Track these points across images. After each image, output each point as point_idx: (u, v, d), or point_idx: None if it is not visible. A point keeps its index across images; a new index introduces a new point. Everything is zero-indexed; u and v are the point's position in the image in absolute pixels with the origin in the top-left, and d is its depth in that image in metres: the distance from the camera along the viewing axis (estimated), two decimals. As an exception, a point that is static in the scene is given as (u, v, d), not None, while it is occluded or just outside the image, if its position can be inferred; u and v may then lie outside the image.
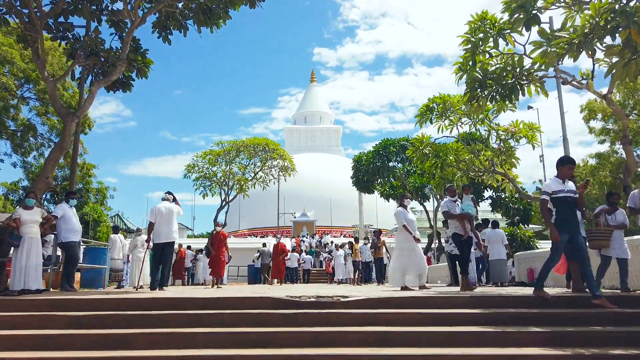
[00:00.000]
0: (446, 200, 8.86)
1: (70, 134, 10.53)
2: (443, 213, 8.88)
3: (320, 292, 7.33)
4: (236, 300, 5.81)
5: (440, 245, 25.80)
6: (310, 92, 76.11)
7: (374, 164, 25.98)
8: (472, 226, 8.68)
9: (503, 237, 12.28)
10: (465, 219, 8.47)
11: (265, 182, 25.30)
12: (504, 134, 13.38)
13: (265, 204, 51.39)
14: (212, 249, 12.94)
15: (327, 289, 9.42)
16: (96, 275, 11.60)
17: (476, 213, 8.88)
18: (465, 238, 8.46)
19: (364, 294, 6.38)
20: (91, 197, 36.01)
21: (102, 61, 11.33)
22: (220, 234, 13.24)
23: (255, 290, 8.19)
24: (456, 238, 8.62)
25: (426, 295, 6.11)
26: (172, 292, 7.56)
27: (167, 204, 10.02)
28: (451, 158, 14.19)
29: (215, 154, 24.26)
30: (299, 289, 9.55)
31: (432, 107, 14.04)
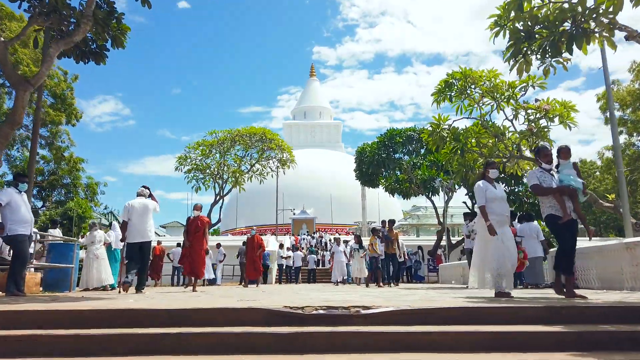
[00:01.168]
0: (535, 170, 6.29)
1: (23, 105, 8.77)
2: (532, 187, 6.13)
3: (329, 298, 5.63)
4: (214, 313, 4.11)
5: (450, 243, 24.12)
6: (309, 87, 74.38)
7: (378, 156, 24.29)
8: (577, 205, 5.95)
9: (538, 231, 10.59)
10: (566, 194, 5.87)
11: (262, 175, 23.57)
12: (535, 112, 11.68)
13: (263, 200, 49.66)
14: (188, 239, 10.25)
15: (335, 292, 7.73)
16: (61, 276, 9.88)
17: (583, 186, 6.04)
18: (566, 221, 5.76)
19: (390, 302, 4.69)
20: (80, 192, 34.31)
21: (65, 23, 9.60)
22: (199, 219, 10.38)
23: (245, 296, 6.47)
24: (553, 221, 5.89)
25: (480, 304, 4.40)
26: (134, 299, 5.85)
27: (143, 199, 9.08)
28: (472, 142, 12.49)
29: (208, 145, 22.53)
30: (301, 293, 7.78)
31: (452, 83, 12.34)
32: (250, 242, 14.83)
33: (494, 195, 6.25)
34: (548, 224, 6.02)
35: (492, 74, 12.37)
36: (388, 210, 54.09)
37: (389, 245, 13.70)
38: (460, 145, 12.33)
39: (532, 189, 6.15)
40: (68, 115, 29.98)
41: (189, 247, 10.22)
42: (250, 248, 14.68)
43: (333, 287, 12.24)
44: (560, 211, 5.80)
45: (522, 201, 24.48)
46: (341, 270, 17.75)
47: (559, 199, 5.84)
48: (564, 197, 5.86)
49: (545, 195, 5.97)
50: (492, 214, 6.07)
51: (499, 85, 12.47)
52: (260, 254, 14.90)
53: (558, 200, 5.85)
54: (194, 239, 10.17)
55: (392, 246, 13.77)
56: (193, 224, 10.25)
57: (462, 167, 12.75)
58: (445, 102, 12.93)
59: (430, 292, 8.01)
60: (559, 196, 5.85)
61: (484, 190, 6.26)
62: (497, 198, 6.26)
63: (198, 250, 10.19)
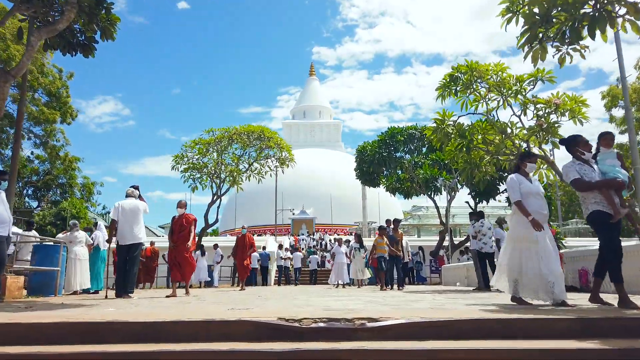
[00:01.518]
0: (572, 162, 5.36)
1: (3, 97, 8.23)
2: (572, 182, 5.22)
3: (330, 305, 5.10)
4: (198, 327, 3.58)
5: (452, 244, 23.60)
6: (309, 86, 73.87)
7: (379, 154, 23.77)
8: (623, 201, 5.09)
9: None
10: (613, 188, 5.04)
11: (261, 175, 23.00)
12: (545, 107, 11.16)
13: (262, 200, 49.12)
14: (172, 240, 9.23)
15: (337, 298, 7.19)
16: (47, 280, 9.34)
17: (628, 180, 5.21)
18: (616, 220, 4.97)
19: (399, 312, 4.16)
20: (76, 192, 33.80)
21: (51, 13, 9.08)
22: (184, 217, 9.28)
23: (237, 303, 5.94)
24: (600, 220, 5.05)
25: (505, 316, 3.86)
26: (116, 307, 5.31)
27: (132, 200, 8.87)
28: (479, 138, 11.97)
29: (205, 143, 21.97)
30: (300, 298, 7.25)
31: (457, 77, 11.82)
32: (240, 241, 13.81)
33: (529, 190, 5.45)
34: (594, 223, 5.16)
35: (499, 68, 11.87)
36: (388, 210, 53.53)
37: (393, 246, 12.91)
38: (466, 142, 11.82)
39: (573, 184, 5.25)
40: (63, 113, 29.45)
41: (174, 248, 9.14)
42: (240, 248, 13.65)
43: (334, 291, 11.67)
44: (608, 207, 4.99)
45: (526, 201, 23.97)
46: (342, 272, 16.69)
47: (606, 194, 5.01)
48: (611, 191, 5.04)
49: (590, 190, 5.12)
50: None
51: (505, 79, 11.97)
52: (251, 254, 13.97)
53: (605, 196, 5.01)
54: (179, 239, 9.10)
55: (396, 247, 12.93)
56: (177, 223, 9.20)
57: (467, 164, 12.23)
58: (449, 99, 12.46)
59: (437, 297, 7.48)
60: (606, 191, 5.03)
61: (517, 184, 5.49)
62: (533, 193, 5.45)
63: (183, 252, 9.10)
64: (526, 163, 5.77)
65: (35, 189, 33.95)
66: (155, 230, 64.46)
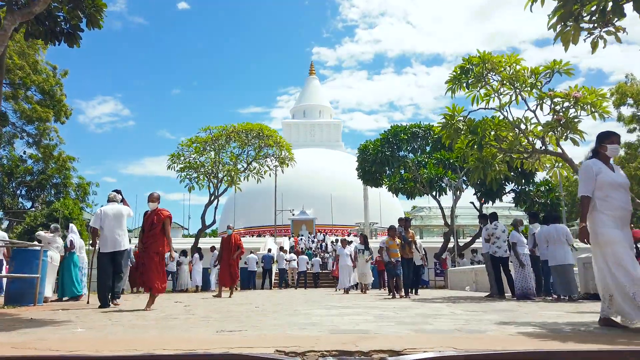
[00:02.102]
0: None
1: (-27, 87, 7.48)
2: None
3: (336, 322, 4.34)
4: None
5: (458, 245, 22.84)
6: (309, 86, 73.10)
7: (382, 153, 23.00)
8: None
9: (568, 234, 9.29)
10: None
11: (260, 174, 22.25)
12: (563, 101, 10.41)
13: (261, 200, 48.37)
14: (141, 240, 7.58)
15: (342, 308, 6.43)
16: (26, 287, 8.58)
17: None
18: None
19: (421, 338, 3.42)
20: (71, 192, 33.04)
21: None
22: (157, 213, 7.58)
23: (229, 318, 5.18)
24: None
25: (580, 346, 3.09)
26: (86, 328, 4.55)
27: (115, 205, 8.31)
28: (492, 134, 11.22)
29: (202, 142, 21.22)
30: (301, 312, 6.50)
31: (468, 69, 11.08)
32: (226, 242, 12.47)
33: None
34: None
35: (513, 59, 11.12)
36: (390, 211, 52.77)
37: (406, 248, 11.62)
38: (478, 139, 11.05)
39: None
40: (57, 112, 28.65)
41: (143, 251, 7.44)
42: (226, 249, 12.33)
43: (337, 299, 10.85)
44: None
45: (533, 201, 23.22)
46: (348, 276, 15.04)
47: None
48: None
49: None
50: (609, 209, 4.09)
51: (520, 72, 11.23)
52: (239, 256, 12.46)
53: None
54: (149, 238, 7.39)
55: (409, 249, 11.65)
56: (148, 220, 7.57)
57: (479, 162, 11.47)
58: (457, 94, 11.71)
59: (455, 309, 6.72)
60: None
61: (593, 173, 4.19)
62: (616, 185, 4.15)
63: (151, 255, 7.30)
64: (606, 145, 4.33)
65: (29, 189, 33.19)
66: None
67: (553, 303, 8.34)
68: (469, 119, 11.67)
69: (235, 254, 12.24)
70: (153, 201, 7.76)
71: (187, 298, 12.93)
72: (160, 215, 7.58)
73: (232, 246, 12.31)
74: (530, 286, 9.46)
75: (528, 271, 9.54)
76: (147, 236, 7.48)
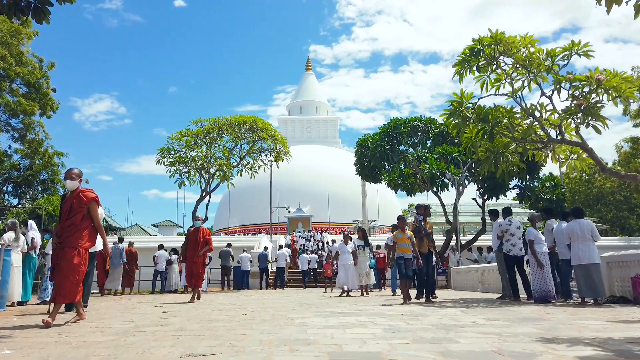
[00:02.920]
0: None
1: None
2: None
3: (337, 337, 3.39)
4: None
5: (460, 243, 21.95)
6: (305, 81, 72.03)
7: (381, 148, 22.03)
8: None
9: (593, 230, 8.36)
10: None
11: (254, 169, 21.25)
12: (584, 84, 9.48)
13: (256, 198, 47.37)
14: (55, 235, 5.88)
15: (342, 316, 5.47)
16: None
17: None
18: None
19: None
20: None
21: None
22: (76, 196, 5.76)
23: (206, 331, 4.21)
24: None
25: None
26: (8, 351, 3.58)
27: None
28: (505, 122, 10.29)
29: (192, 135, 20.20)
30: (295, 321, 5.56)
31: (479, 50, 10.14)
32: (192, 236, 10.55)
33: None
34: None
35: (528, 40, 10.20)
36: (386, 208, 51.87)
37: (424, 241, 9.50)
38: (489, 127, 10.10)
39: None
40: (43, 105, 27.60)
41: (57, 246, 5.59)
42: (191, 244, 10.45)
43: (336, 302, 9.84)
44: None
45: (538, 197, 22.35)
46: (350, 276, 12.71)
47: None
48: None
49: None
50: None
51: (534, 55, 10.31)
52: (206, 253, 10.60)
53: None
54: (66, 230, 5.56)
55: (427, 243, 9.57)
56: (67, 205, 5.74)
57: (490, 153, 10.53)
58: (464, 81, 10.78)
59: (474, 317, 5.79)
60: None
61: None
62: None
63: (67, 252, 5.40)
64: None
65: (16, 185, 32.10)
66: (149, 230, 62.79)
67: (580, 307, 7.42)
68: (478, 106, 10.73)
69: (201, 251, 10.34)
70: (72, 178, 5.81)
71: (173, 300, 11.98)
72: (82, 198, 5.67)
73: (200, 241, 10.40)
74: (549, 288, 8.55)
75: (547, 271, 8.63)
76: (63, 227, 5.59)
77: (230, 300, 10.69)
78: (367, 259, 12.95)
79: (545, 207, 11.01)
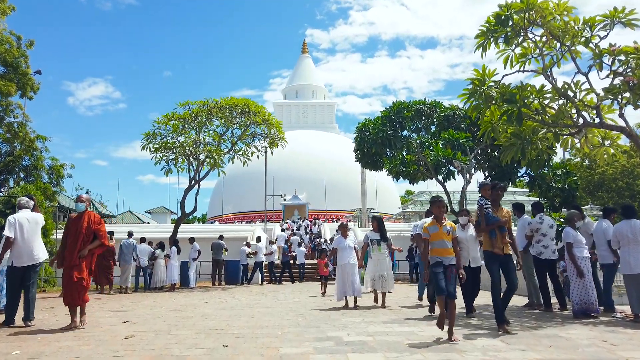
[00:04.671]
0: None
1: None
2: None
3: None
4: None
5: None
6: (301, 64, 70.09)
7: (383, 133, 20.55)
8: None
9: (647, 232, 6.99)
10: None
11: (246, 156, 19.80)
12: (633, 58, 8.05)
13: (251, 185, 45.97)
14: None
15: (358, 340, 4.07)
16: None
17: None
18: None
19: None
20: (44, 175, 30.37)
21: None
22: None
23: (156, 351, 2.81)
24: None
25: None
26: None
27: (29, 213, 7.25)
28: (535, 103, 8.86)
29: (179, 119, 18.67)
30: (288, 335, 4.18)
31: (507, 17, 8.66)
32: (73, 226, 6.72)
33: None
34: None
35: (563, 7, 8.74)
36: (385, 196, 50.60)
37: (497, 238, 6.40)
38: (517, 109, 8.66)
39: None
40: (22, 86, 25.83)
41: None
42: (71, 238, 6.66)
43: (341, 315, 8.45)
44: None
45: (549, 186, 20.99)
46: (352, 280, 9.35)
47: None
48: None
49: None
50: None
51: (569, 25, 8.85)
52: (96, 253, 6.91)
53: None
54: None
55: (502, 239, 6.42)
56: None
57: (517, 139, 9.11)
58: (473, 57, 9.35)
59: (529, 357, 4.45)
60: None
61: None
62: None
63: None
64: None
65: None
66: (142, 216, 61.19)
67: (637, 326, 6.10)
68: (501, 85, 9.28)
69: (87, 247, 6.61)
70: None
71: (152, 302, 10.61)
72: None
73: (81, 234, 6.63)
74: (592, 299, 7.22)
75: (589, 280, 7.28)
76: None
77: (216, 308, 9.33)
78: (384, 256, 9.60)
79: (606, 206, 9.53)
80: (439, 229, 5.72)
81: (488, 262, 6.49)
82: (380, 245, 9.56)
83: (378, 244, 9.57)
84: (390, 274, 9.62)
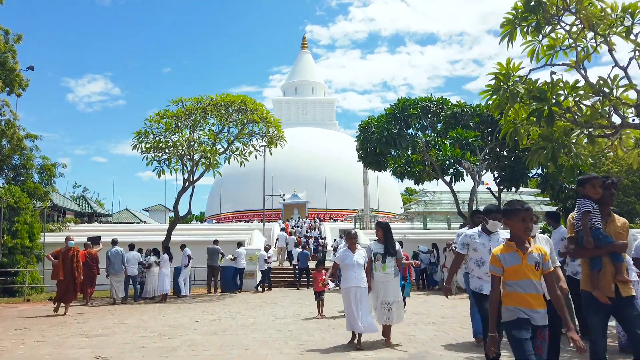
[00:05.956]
0: None
1: None
2: None
3: None
4: None
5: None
6: (301, 60, 68.92)
7: (388, 132, 19.48)
8: None
9: None
10: None
11: (243, 155, 18.75)
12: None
13: (250, 183, 44.88)
14: None
15: None
16: None
17: None
18: None
19: None
20: (35, 175, 29.29)
21: None
22: None
23: None
24: None
25: None
26: None
27: None
28: (569, 101, 7.81)
29: (172, 117, 17.60)
30: None
31: (538, 3, 7.60)
32: None
33: None
34: None
35: (599, -8, 7.68)
36: (387, 195, 49.56)
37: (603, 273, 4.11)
38: (548, 107, 7.60)
39: None
40: (10, 82, 24.72)
41: None
42: None
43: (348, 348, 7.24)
44: None
45: (562, 187, 19.97)
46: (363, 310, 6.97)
47: None
48: None
49: None
50: None
51: (606, 12, 7.80)
52: None
53: None
54: None
55: (616, 273, 4.08)
56: None
57: (547, 141, 8.06)
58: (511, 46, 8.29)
59: None
60: None
61: None
62: None
63: None
64: None
65: (-16, 172, 29.34)
66: (139, 215, 60.00)
67: None
68: (528, 80, 8.23)
69: None
70: None
71: (138, 320, 9.51)
72: None
73: None
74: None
75: (637, 307, 6.23)
76: None
77: (205, 332, 8.30)
78: (390, 276, 7.00)
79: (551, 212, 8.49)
80: (521, 260, 3.44)
81: (587, 308, 4.23)
82: (386, 262, 6.95)
83: (382, 260, 6.97)
84: (400, 300, 7.11)
